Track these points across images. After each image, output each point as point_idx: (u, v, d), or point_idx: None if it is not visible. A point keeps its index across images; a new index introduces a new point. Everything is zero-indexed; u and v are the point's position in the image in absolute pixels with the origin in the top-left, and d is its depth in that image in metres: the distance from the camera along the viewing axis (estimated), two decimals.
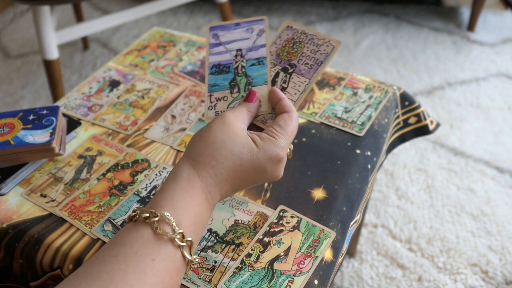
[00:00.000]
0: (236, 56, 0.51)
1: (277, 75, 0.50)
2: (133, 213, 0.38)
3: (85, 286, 0.32)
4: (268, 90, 0.48)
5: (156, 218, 0.36)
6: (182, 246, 0.36)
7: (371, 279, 0.99)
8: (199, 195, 0.40)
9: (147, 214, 0.37)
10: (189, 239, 0.37)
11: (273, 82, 0.50)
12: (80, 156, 0.61)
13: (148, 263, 0.34)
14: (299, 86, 0.49)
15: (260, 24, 0.52)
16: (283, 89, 0.49)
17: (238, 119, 0.44)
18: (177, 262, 0.36)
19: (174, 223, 0.36)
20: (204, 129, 0.44)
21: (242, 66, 0.50)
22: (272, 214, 0.52)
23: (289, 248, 0.49)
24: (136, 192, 0.55)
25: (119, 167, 0.59)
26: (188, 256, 0.37)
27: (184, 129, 0.64)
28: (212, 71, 0.51)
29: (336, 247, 0.50)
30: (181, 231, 0.37)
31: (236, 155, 0.42)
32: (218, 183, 0.41)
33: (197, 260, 0.38)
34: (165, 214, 0.37)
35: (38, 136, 0.58)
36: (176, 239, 0.36)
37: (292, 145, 0.49)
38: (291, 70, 0.50)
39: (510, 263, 1.00)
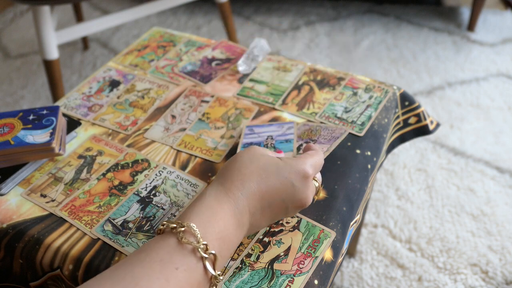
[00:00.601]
0: (267, 139, 0.60)
1: (300, 145, 0.59)
2: (162, 226, 0.39)
3: (109, 286, 0.33)
4: (293, 154, 0.56)
5: (182, 228, 0.37)
6: (205, 257, 0.37)
7: (371, 279, 0.99)
8: (225, 211, 0.40)
9: (174, 225, 0.38)
10: (213, 251, 0.37)
11: (298, 149, 0.57)
12: (80, 156, 0.61)
13: (171, 271, 0.35)
14: (322, 149, 0.57)
15: (290, 124, 0.63)
16: None
17: (265, 150, 0.48)
18: (198, 275, 0.37)
19: (198, 234, 0.37)
20: (232, 157, 0.47)
21: (272, 144, 0.60)
22: None
23: (289, 248, 0.49)
24: (136, 192, 0.55)
25: (119, 167, 0.59)
26: (210, 270, 0.37)
27: (184, 129, 0.64)
28: (242, 148, 0.59)
29: (336, 247, 0.50)
30: (205, 242, 0.37)
31: (262, 168, 0.44)
32: (246, 197, 0.42)
33: (221, 277, 0.38)
34: (191, 225, 0.38)
35: (38, 136, 0.58)
36: (199, 250, 0.37)
37: (319, 182, 0.50)
38: (312, 142, 0.59)
39: (510, 263, 1.00)
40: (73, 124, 0.66)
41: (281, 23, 1.90)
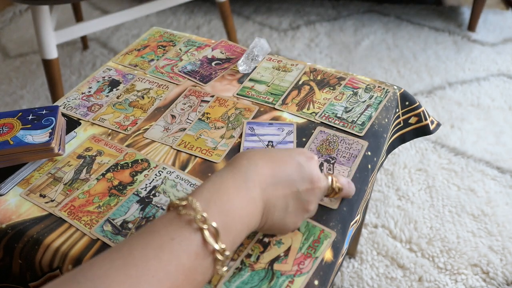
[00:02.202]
0: (267, 145, 0.61)
1: (321, 165, 0.58)
2: (170, 202, 0.40)
3: (108, 255, 0.35)
4: None
5: (184, 203, 0.38)
6: (203, 228, 0.36)
7: (371, 279, 0.98)
8: (230, 185, 0.40)
9: (177, 201, 0.38)
10: (213, 224, 0.37)
11: (320, 171, 0.57)
12: (80, 156, 0.60)
13: (166, 241, 0.35)
14: (343, 172, 0.58)
15: (290, 127, 0.63)
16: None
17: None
18: (196, 246, 0.36)
19: (198, 207, 0.37)
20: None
21: None
22: None
23: (289, 249, 0.49)
24: (135, 192, 0.55)
25: (119, 167, 0.59)
26: (210, 241, 0.36)
27: (184, 129, 0.64)
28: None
29: (336, 248, 0.50)
30: (204, 214, 0.37)
31: (267, 152, 0.45)
32: (254, 172, 0.42)
33: (227, 253, 0.37)
34: (190, 198, 0.38)
35: (38, 136, 0.57)
36: (196, 220, 0.36)
37: (337, 179, 0.50)
38: (332, 161, 0.59)
39: (511, 263, 1.00)
40: (72, 124, 0.66)
41: (281, 23, 1.90)
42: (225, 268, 0.38)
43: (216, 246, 0.37)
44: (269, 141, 0.61)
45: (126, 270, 0.33)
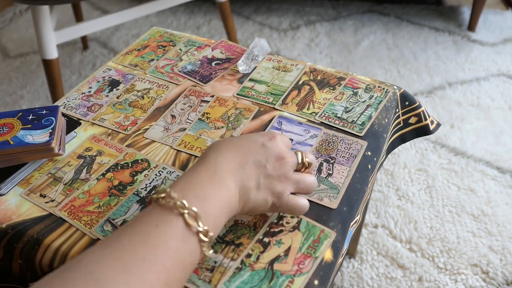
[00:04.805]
0: None
1: (321, 165, 0.58)
2: (148, 199, 0.43)
3: (98, 246, 0.37)
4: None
5: (162, 195, 0.41)
6: (184, 213, 0.39)
7: (371, 279, 0.98)
8: (199, 174, 0.44)
9: (156, 195, 0.41)
10: (194, 208, 0.40)
11: (319, 171, 0.57)
12: (80, 156, 0.60)
13: (151, 228, 0.38)
14: (343, 172, 0.57)
15: (317, 131, 0.63)
16: (329, 175, 0.57)
17: None
18: (179, 228, 0.39)
19: (175, 196, 0.40)
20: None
21: None
22: (272, 214, 0.52)
23: (289, 249, 0.49)
24: (136, 192, 0.55)
25: (119, 167, 0.59)
26: (193, 224, 0.39)
27: (184, 129, 0.64)
28: None
29: (336, 247, 0.50)
30: (184, 201, 0.40)
31: (233, 139, 0.49)
32: (218, 154, 0.46)
33: (211, 234, 0.40)
34: (167, 189, 0.41)
35: (38, 136, 0.57)
36: (177, 206, 0.39)
37: (306, 156, 0.50)
38: (332, 161, 0.59)
39: (511, 263, 1.00)
40: (72, 124, 0.66)
41: (281, 23, 1.90)
42: (211, 251, 0.42)
43: (199, 228, 0.40)
44: (290, 139, 0.61)
45: (117, 255, 0.36)
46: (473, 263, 1.00)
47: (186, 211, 0.39)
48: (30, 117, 0.60)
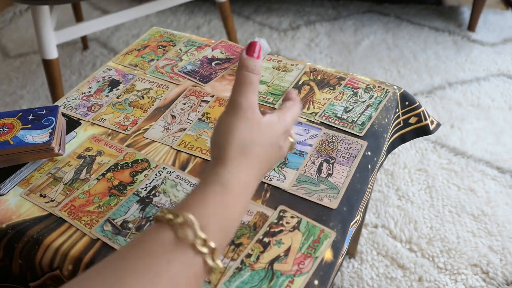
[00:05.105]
0: None
1: (321, 165, 0.58)
2: (160, 213, 0.35)
3: (99, 273, 0.32)
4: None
5: (179, 220, 0.34)
6: (204, 253, 0.34)
7: (371, 279, 0.98)
8: (218, 197, 0.37)
9: (171, 216, 0.34)
10: (212, 245, 0.34)
11: (319, 171, 0.58)
12: (80, 156, 0.60)
13: (163, 265, 0.32)
14: (343, 172, 0.57)
15: (317, 131, 0.63)
16: (329, 175, 0.57)
17: (253, 106, 0.42)
18: (196, 269, 0.34)
19: (197, 227, 0.34)
20: (219, 128, 0.41)
21: None
22: (272, 214, 0.52)
23: (289, 249, 0.49)
24: (135, 192, 0.55)
25: (119, 167, 0.59)
26: (210, 263, 0.34)
27: (184, 129, 0.64)
28: None
29: (336, 247, 0.50)
30: (203, 235, 0.34)
31: (258, 164, 0.41)
32: (247, 183, 0.39)
33: (221, 265, 0.35)
34: (188, 216, 0.34)
35: (38, 136, 0.57)
36: (197, 244, 0.33)
37: (294, 139, 0.48)
38: (332, 161, 0.59)
39: (510, 263, 1.00)
40: (72, 124, 0.66)
41: (281, 23, 1.90)
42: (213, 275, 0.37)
43: (213, 264, 0.35)
44: None
45: None
46: (473, 263, 1.00)
47: (206, 250, 0.34)
48: (30, 117, 0.60)
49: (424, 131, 0.73)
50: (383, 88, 0.70)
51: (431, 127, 0.73)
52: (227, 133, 0.40)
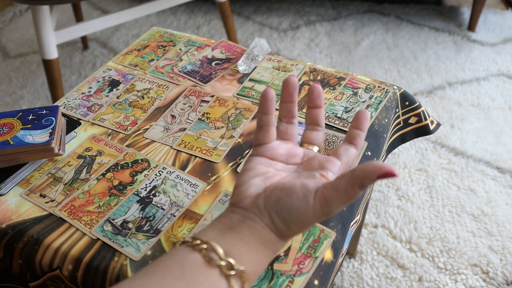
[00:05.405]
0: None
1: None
2: (188, 240, 0.37)
3: None
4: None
5: (205, 246, 0.35)
6: (231, 275, 0.35)
7: (371, 279, 0.98)
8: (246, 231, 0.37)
9: (198, 242, 0.36)
10: (242, 268, 0.35)
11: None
12: (80, 156, 0.60)
13: (194, 286, 0.33)
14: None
15: None
16: None
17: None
18: None
19: (221, 251, 0.35)
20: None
21: None
22: None
23: (289, 249, 0.49)
24: (135, 192, 0.55)
25: (119, 167, 0.59)
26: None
27: (184, 129, 0.64)
28: None
29: (336, 247, 0.50)
30: (230, 259, 0.35)
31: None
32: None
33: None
34: (212, 243, 0.36)
35: (38, 136, 0.57)
36: (223, 266, 0.35)
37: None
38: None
39: (510, 263, 1.00)
40: (72, 124, 0.66)
41: (281, 23, 1.90)
42: None
43: None
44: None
45: None
46: (473, 263, 1.00)
47: (232, 272, 0.35)
48: (30, 117, 0.60)
49: (424, 131, 0.73)
50: (383, 88, 0.70)
51: (431, 127, 0.73)
52: (301, 220, 0.38)
